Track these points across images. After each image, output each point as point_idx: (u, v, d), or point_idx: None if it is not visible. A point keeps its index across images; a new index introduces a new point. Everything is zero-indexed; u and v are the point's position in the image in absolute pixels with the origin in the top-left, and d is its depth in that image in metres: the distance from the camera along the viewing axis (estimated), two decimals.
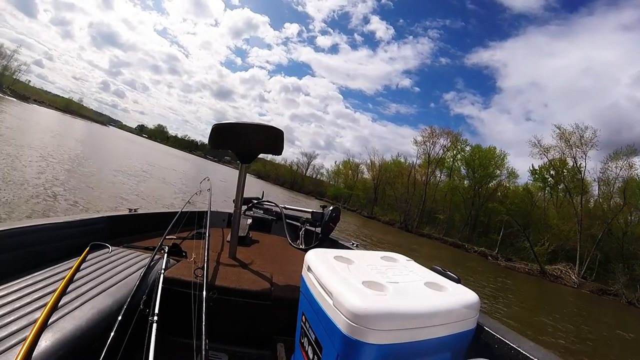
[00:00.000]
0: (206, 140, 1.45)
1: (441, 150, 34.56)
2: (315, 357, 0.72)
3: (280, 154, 1.40)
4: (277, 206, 2.40)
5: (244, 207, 2.35)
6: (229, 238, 1.60)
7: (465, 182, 32.55)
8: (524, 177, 31.32)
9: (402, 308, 0.64)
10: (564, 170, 24.78)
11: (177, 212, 1.71)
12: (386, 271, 0.82)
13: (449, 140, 34.18)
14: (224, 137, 1.40)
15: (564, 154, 24.22)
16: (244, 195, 1.51)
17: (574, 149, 23.55)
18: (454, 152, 33.71)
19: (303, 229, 2.15)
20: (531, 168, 27.79)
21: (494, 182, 30.60)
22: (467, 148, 33.16)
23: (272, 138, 1.39)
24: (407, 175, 36.98)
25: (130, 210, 1.65)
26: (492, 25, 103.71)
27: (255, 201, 2.47)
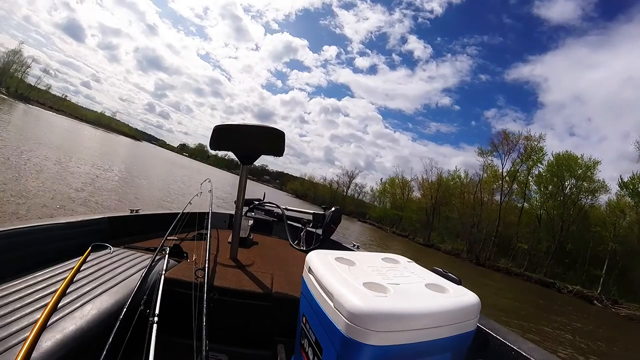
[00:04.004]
0: None
1: (510, 161, 31.74)
2: (315, 358, 0.83)
3: (282, 155, 1.56)
4: (279, 207, 2.67)
5: (245, 209, 2.62)
6: (230, 239, 1.80)
7: (535, 200, 30.18)
8: None
9: (403, 309, 0.73)
10: None
11: (179, 213, 1.92)
12: (387, 272, 0.94)
13: (522, 148, 30.93)
14: (225, 138, 1.60)
15: None
16: (246, 197, 1.70)
17: None
18: (529, 163, 30.54)
19: (304, 230, 2.38)
20: (620, 181, 25.10)
21: (588, 198, 27.38)
22: (546, 158, 30.01)
23: (273, 139, 1.56)
24: (473, 193, 34.74)
25: (131, 210, 1.87)
26: (531, 39, 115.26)
27: (257, 202, 2.76)
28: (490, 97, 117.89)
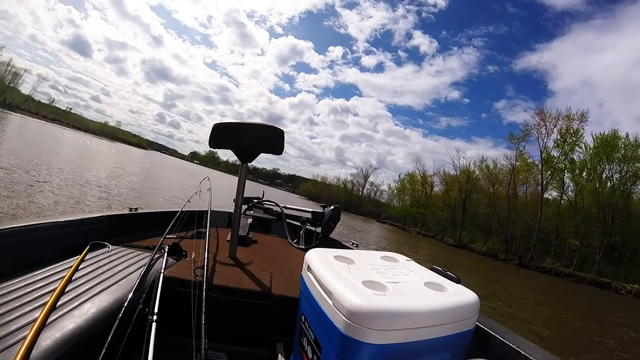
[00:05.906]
0: (257, 165, 1.79)
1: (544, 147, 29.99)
2: (315, 356, 0.88)
3: (281, 153, 1.63)
4: (278, 206, 2.80)
5: (244, 207, 2.76)
6: (229, 238, 1.89)
7: (570, 191, 29.14)
8: None
9: (402, 308, 0.78)
10: None
11: (178, 211, 2.01)
12: (386, 271, 0.98)
13: (559, 129, 28.73)
14: (224, 137, 1.68)
15: None
16: (244, 195, 1.77)
17: None
18: (566, 147, 28.76)
19: (303, 228, 2.50)
20: None
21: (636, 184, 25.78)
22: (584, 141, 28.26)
23: (272, 137, 1.64)
24: (506, 185, 33.80)
25: (130, 209, 1.96)
26: (536, 27, 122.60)
27: (256, 201, 2.88)
28: (500, 88, 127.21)
